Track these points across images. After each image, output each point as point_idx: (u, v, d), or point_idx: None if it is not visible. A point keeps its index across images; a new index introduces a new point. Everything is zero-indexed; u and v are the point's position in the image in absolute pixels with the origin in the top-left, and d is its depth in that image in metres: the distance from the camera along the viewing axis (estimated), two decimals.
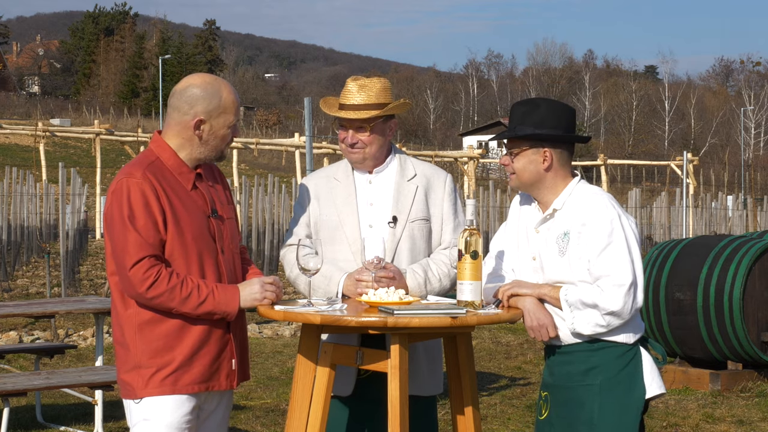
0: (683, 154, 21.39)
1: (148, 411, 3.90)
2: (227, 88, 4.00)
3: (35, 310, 7.64)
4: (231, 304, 3.91)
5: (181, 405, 3.91)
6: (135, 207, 3.83)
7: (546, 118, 4.05)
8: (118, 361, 3.98)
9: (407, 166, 4.50)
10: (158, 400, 3.88)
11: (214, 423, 4.09)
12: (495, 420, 8.26)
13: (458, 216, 4.52)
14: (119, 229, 3.83)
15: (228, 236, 4.05)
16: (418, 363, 4.38)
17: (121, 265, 3.83)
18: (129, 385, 3.92)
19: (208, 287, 3.88)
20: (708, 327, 9.40)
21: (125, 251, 3.81)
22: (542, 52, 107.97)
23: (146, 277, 3.79)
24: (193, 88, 3.97)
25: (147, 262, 3.80)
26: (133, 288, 3.82)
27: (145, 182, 3.85)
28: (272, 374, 10.19)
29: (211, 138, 3.97)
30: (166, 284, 3.81)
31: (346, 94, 4.39)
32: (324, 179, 4.53)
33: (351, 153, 4.43)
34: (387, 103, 4.39)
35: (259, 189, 20.13)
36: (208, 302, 3.86)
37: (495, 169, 62.46)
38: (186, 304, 3.84)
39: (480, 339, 12.50)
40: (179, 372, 3.88)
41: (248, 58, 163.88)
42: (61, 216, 15.74)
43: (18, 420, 7.91)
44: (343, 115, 4.37)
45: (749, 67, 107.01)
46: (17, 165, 26.92)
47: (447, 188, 4.53)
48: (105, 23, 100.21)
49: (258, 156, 46.23)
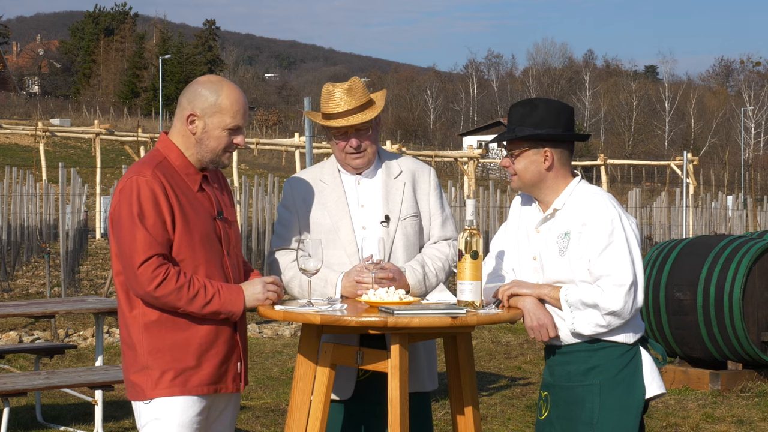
0: (683, 154, 21.39)
1: (159, 411, 3.89)
2: (229, 90, 3.96)
3: (35, 310, 7.64)
4: (236, 303, 3.92)
5: (192, 405, 3.91)
6: (144, 205, 3.81)
7: (545, 117, 4.05)
8: (126, 362, 3.97)
9: (392, 164, 4.49)
10: (169, 400, 3.88)
11: (223, 426, 4.10)
12: (495, 420, 8.26)
13: (445, 209, 4.54)
14: (128, 227, 3.81)
15: (234, 239, 4.06)
16: (419, 361, 4.38)
17: (129, 264, 3.81)
18: (138, 386, 3.91)
19: (214, 287, 3.88)
20: (708, 327, 9.40)
21: (133, 249, 3.80)
22: (542, 52, 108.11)
23: (154, 276, 3.78)
24: (195, 85, 3.99)
25: (155, 260, 3.79)
26: (140, 286, 3.81)
27: (154, 181, 3.84)
28: (272, 374, 10.19)
29: (206, 137, 3.94)
30: (174, 283, 3.80)
31: (336, 102, 4.30)
32: (310, 181, 4.48)
33: (356, 158, 4.38)
34: (371, 99, 4.38)
35: (259, 189, 20.13)
36: (214, 302, 3.87)
37: (495, 169, 62.48)
38: (193, 304, 3.84)
39: (480, 339, 12.50)
40: (189, 373, 3.88)
41: (248, 58, 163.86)
42: (61, 216, 15.74)
43: (18, 420, 7.91)
44: (351, 122, 4.29)
45: (749, 67, 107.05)
46: (17, 165, 26.93)
47: (432, 182, 4.53)
48: (105, 23, 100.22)
49: (258, 156, 46.24)
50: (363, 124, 4.33)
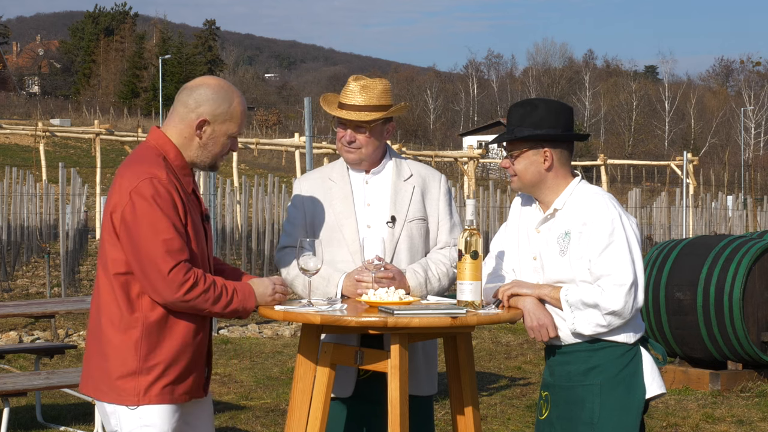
0: (683, 154, 21.39)
1: (147, 418, 3.84)
2: (240, 98, 3.95)
3: (35, 310, 7.64)
4: (249, 301, 3.93)
5: (175, 412, 3.90)
6: (166, 209, 3.76)
7: (544, 118, 4.05)
8: (110, 364, 3.85)
9: (403, 167, 4.51)
10: (157, 408, 3.84)
11: (203, 425, 4.09)
12: (495, 420, 8.26)
13: (453, 216, 4.55)
14: (150, 232, 3.75)
15: (211, 241, 4.07)
16: (417, 363, 4.38)
17: (155, 270, 3.75)
18: (125, 390, 3.83)
19: (231, 287, 3.89)
20: (708, 327, 9.40)
21: (159, 255, 3.74)
22: (542, 53, 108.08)
23: (185, 280, 3.75)
24: (205, 88, 3.91)
25: (184, 266, 3.77)
26: (171, 292, 3.76)
27: (170, 183, 3.81)
28: (272, 374, 10.19)
29: (211, 143, 3.92)
30: (203, 285, 3.79)
31: (347, 94, 4.39)
32: (319, 180, 4.52)
33: (348, 152, 4.43)
34: (387, 105, 4.40)
35: (259, 189, 20.13)
36: (234, 301, 3.88)
37: (495, 169, 62.47)
38: (217, 305, 3.84)
39: (480, 339, 12.50)
40: (177, 381, 3.86)
41: (248, 58, 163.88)
42: (61, 216, 15.74)
43: (18, 420, 7.91)
44: (344, 116, 4.37)
45: (749, 67, 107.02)
46: (17, 165, 26.92)
47: (442, 188, 4.55)
48: (105, 23, 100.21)
49: (258, 156, 46.23)
50: (359, 122, 4.35)
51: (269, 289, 3.98)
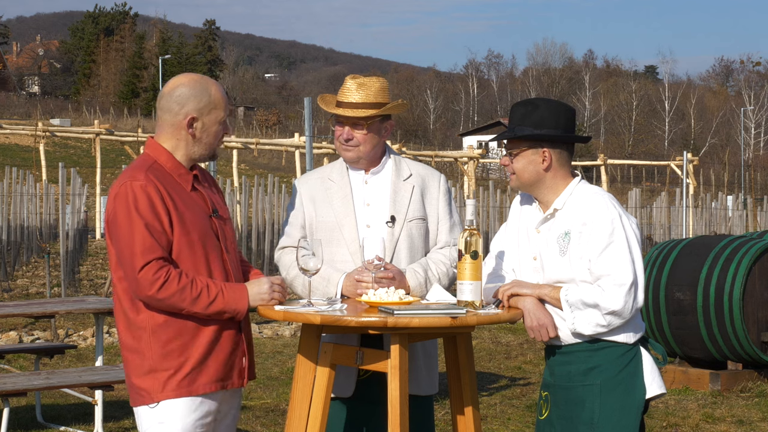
0: (683, 154, 21.39)
1: (163, 414, 3.89)
2: (214, 84, 4.03)
3: (35, 310, 7.64)
4: (240, 302, 3.93)
5: (197, 408, 3.92)
6: (141, 209, 3.83)
7: (545, 118, 4.06)
8: (129, 366, 3.95)
9: (402, 167, 4.52)
10: (175, 402, 3.88)
11: (226, 424, 4.10)
12: (495, 420, 8.26)
13: (453, 215, 4.55)
14: (126, 233, 3.83)
15: (230, 236, 4.08)
16: (417, 363, 4.38)
17: (130, 268, 3.83)
18: (144, 390, 3.90)
19: (217, 286, 3.89)
20: (708, 327, 9.40)
21: (133, 254, 3.81)
22: (542, 53, 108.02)
23: (156, 279, 3.80)
24: (181, 88, 3.98)
25: (156, 263, 3.81)
26: (142, 290, 3.82)
27: (149, 184, 3.86)
28: (272, 374, 10.19)
29: (204, 135, 3.99)
30: (176, 284, 3.82)
31: (344, 92, 4.41)
32: (318, 180, 4.53)
33: (346, 150, 4.44)
34: (385, 103, 4.41)
35: (259, 189, 20.13)
36: (218, 301, 3.88)
37: (495, 169, 62.46)
38: (196, 304, 3.85)
39: (480, 339, 12.50)
40: (195, 372, 3.89)
41: (248, 58, 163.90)
42: (61, 216, 15.74)
43: (18, 420, 7.91)
44: (340, 113, 4.38)
45: (749, 67, 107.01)
46: (17, 165, 26.92)
47: (442, 188, 4.55)
48: (105, 23, 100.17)
49: (258, 156, 46.23)
50: (355, 119, 4.36)
51: (264, 288, 3.98)
